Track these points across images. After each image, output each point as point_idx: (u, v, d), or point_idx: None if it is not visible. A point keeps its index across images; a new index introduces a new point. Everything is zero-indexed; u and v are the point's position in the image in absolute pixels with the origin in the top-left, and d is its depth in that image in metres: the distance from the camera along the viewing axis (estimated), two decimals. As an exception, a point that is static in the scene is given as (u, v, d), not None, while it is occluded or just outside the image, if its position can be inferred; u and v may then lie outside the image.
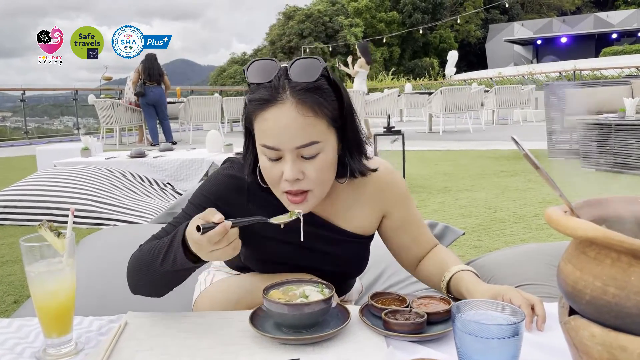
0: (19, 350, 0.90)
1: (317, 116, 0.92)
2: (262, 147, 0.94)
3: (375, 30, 36.56)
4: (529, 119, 13.43)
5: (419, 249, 1.18)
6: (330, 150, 0.96)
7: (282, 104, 0.90)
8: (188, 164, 4.62)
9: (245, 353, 0.85)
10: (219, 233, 0.82)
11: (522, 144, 0.69)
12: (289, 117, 0.90)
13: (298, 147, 0.91)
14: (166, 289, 1.02)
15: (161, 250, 0.94)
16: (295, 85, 0.91)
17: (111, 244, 1.86)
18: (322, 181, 0.97)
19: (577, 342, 0.64)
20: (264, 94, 0.92)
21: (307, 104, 0.91)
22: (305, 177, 0.94)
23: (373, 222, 1.14)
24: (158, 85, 9.19)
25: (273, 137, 0.91)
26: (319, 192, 0.98)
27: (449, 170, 5.84)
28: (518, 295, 0.93)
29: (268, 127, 0.92)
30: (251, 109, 0.94)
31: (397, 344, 0.87)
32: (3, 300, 2.34)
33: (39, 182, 3.87)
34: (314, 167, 0.94)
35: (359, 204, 1.11)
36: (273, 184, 0.98)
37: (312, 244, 1.08)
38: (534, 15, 41.19)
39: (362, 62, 9.42)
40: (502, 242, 2.98)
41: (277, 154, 0.93)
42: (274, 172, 0.95)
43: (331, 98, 0.95)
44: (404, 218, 1.15)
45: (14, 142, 12.70)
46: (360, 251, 1.16)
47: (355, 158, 1.02)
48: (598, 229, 0.59)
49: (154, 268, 0.95)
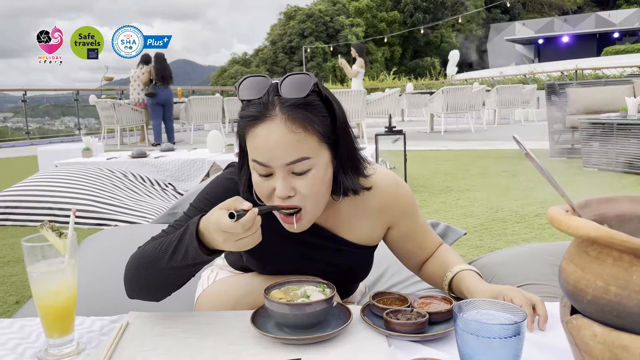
0: (21, 350, 0.90)
1: (307, 132, 0.91)
2: (253, 162, 0.93)
3: (376, 29, 36.56)
4: (531, 119, 13.42)
5: (424, 254, 1.18)
6: (322, 166, 0.94)
7: (272, 120, 0.90)
8: (189, 164, 4.62)
9: (247, 353, 0.85)
10: (252, 219, 0.83)
11: (524, 143, 0.69)
12: (279, 133, 0.89)
13: (288, 164, 0.90)
14: (166, 290, 1.00)
15: (169, 245, 0.93)
16: (284, 102, 0.90)
17: (112, 244, 1.86)
18: (315, 198, 0.95)
19: (579, 341, 0.64)
20: (253, 110, 0.92)
21: (297, 120, 0.90)
22: (297, 194, 0.93)
23: (378, 233, 1.13)
24: (168, 85, 9.46)
25: (263, 153, 0.91)
26: (312, 209, 0.96)
27: (451, 170, 5.84)
28: (519, 295, 0.93)
29: (258, 144, 0.91)
30: (242, 125, 0.94)
31: (398, 344, 0.87)
32: (5, 300, 2.34)
33: (40, 183, 3.87)
34: (305, 183, 0.93)
35: (363, 216, 1.09)
36: (265, 200, 0.97)
37: (314, 253, 1.08)
38: (536, 15, 41.15)
39: (361, 62, 9.41)
40: (504, 241, 2.98)
41: (268, 170, 0.92)
42: (265, 188, 0.94)
43: (322, 114, 0.94)
44: (410, 228, 1.14)
45: (15, 143, 12.72)
46: (364, 260, 1.15)
47: (348, 175, 1.00)
48: (600, 228, 0.59)
49: (159, 265, 0.94)
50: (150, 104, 9.54)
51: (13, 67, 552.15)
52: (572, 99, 6.41)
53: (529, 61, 33.71)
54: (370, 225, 1.10)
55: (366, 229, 1.10)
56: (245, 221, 0.83)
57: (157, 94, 9.35)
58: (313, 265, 1.09)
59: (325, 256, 1.09)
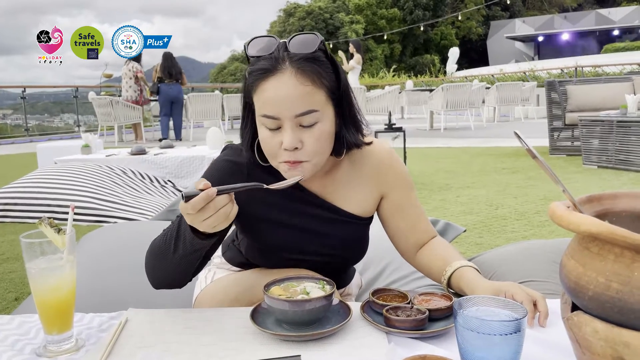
0: (20, 346, 0.89)
1: (315, 85, 0.95)
2: (262, 117, 0.96)
3: (376, 27, 36.50)
4: (531, 116, 13.41)
5: (416, 237, 1.17)
6: (327, 121, 0.98)
7: (282, 73, 0.93)
8: (189, 161, 4.62)
9: (246, 349, 0.84)
10: (202, 199, 0.83)
11: (525, 139, 0.68)
12: (289, 85, 0.93)
13: (297, 115, 0.94)
14: (185, 277, 1.02)
15: (171, 237, 0.96)
16: (294, 56, 0.94)
17: (112, 241, 1.85)
18: (320, 152, 0.98)
19: (580, 337, 0.64)
20: (264, 64, 0.95)
21: (306, 73, 0.94)
22: (304, 147, 0.96)
23: (371, 203, 1.14)
24: (177, 82, 9.60)
25: (273, 106, 0.94)
26: (315, 162, 0.99)
27: (450, 167, 5.83)
28: (520, 291, 0.93)
29: (268, 97, 0.94)
30: (251, 80, 0.97)
31: (398, 341, 0.86)
32: (4, 297, 2.34)
33: (39, 180, 3.87)
34: (312, 135, 0.96)
35: (357, 184, 1.12)
36: (272, 155, 0.99)
37: (311, 224, 1.09)
38: (535, 12, 41.10)
39: (358, 59, 9.40)
40: (504, 239, 2.98)
41: (277, 123, 0.95)
42: (274, 142, 0.96)
43: (329, 70, 0.98)
44: (402, 201, 1.15)
45: (14, 140, 12.70)
46: (359, 233, 1.15)
47: (351, 132, 1.05)
48: (601, 224, 0.58)
49: (168, 257, 0.97)
50: (160, 101, 9.70)
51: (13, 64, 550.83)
52: (571, 96, 6.40)
53: (528, 58, 33.65)
54: (364, 193, 1.12)
55: (360, 197, 1.12)
56: (195, 202, 0.83)
57: (161, 91, 9.50)
58: (308, 237, 1.09)
59: (321, 226, 1.10)
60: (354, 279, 1.31)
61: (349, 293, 1.30)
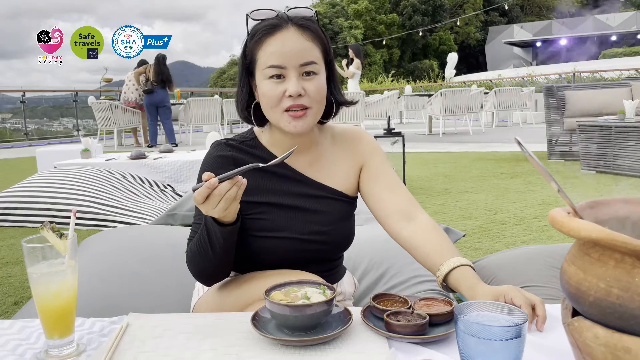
0: (21, 351, 0.89)
1: (314, 43, 1.10)
2: (268, 68, 1.07)
3: (375, 32, 36.62)
4: (529, 121, 13.44)
5: (397, 200, 1.18)
6: (323, 77, 1.12)
7: (287, 29, 1.08)
8: (188, 165, 4.62)
9: (247, 354, 0.84)
10: (206, 187, 0.91)
11: (525, 145, 0.69)
12: (293, 39, 1.08)
13: (301, 65, 1.07)
14: (231, 263, 1.11)
15: (204, 238, 1.05)
16: (294, 18, 1.11)
17: (112, 245, 1.85)
18: (319, 101, 1.11)
19: (581, 343, 0.64)
20: (271, 22, 1.09)
21: (307, 30, 1.10)
22: (306, 94, 1.08)
23: (353, 178, 1.23)
24: (163, 87, 9.40)
25: (279, 56, 1.06)
26: (315, 111, 1.11)
27: (449, 172, 5.84)
28: (519, 295, 0.93)
29: (275, 49, 1.07)
30: (258, 37, 1.09)
31: (399, 346, 0.86)
32: (3, 302, 2.34)
33: (39, 184, 3.87)
34: (313, 84, 1.08)
35: (338, 159, 1.23)
36: (275, 104, 1.08)
37: (299, 202, 1.17)
38: (534, 18, 41.28)
39: (357, 64, 9.40)
40: (503, 244, 2.98)
41: (282, 72, 1.07)
42: (278, 90, 1.07)
43: (322, 36, 1.13)
44: (378, 168, 1.24)
45: (14, 144, 12.70)
46: (344, 212, 1.21)
47: (338, 94, 1.21)
48: (602, 230, 0.59)
49: (210, 256, 1.05)
50: (145, 104, 9.51)
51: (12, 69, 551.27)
52: (570, 101, 6.42)
53: (527, 64, 33.77)
54: (346, 168, 1.23)
55: (343, 174, 1.23)
56: (200, 191, 0.92)
57: (153, 92, 9.30)
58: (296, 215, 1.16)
59: (308, 203, 1.18)
60: (345, 276, 1.32)
61: (342, 291, 1.29)
